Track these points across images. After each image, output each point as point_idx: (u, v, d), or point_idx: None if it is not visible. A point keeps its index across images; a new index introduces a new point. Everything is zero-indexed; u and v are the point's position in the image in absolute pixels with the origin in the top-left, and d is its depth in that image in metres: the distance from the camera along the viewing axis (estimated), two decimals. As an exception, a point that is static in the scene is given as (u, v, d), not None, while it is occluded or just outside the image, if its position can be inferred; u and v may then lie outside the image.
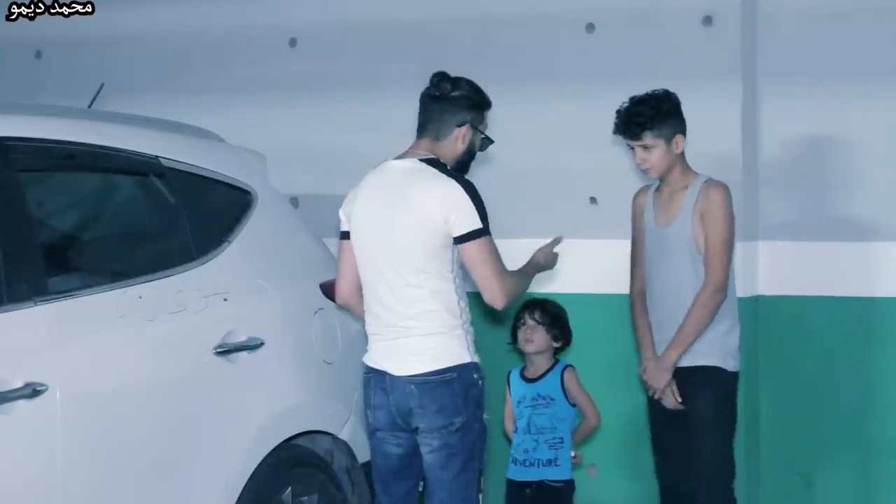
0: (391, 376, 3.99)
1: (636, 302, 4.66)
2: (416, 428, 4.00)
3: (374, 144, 5.58)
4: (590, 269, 5.36)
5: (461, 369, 3.96)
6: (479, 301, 4.03)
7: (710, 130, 5.22)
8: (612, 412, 5.38)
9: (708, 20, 5.25)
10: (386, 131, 5.57)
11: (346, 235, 4.13)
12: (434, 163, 4.00)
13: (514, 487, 4.89)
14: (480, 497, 4.07)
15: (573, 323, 5.01)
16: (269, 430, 4.13)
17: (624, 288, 5.36)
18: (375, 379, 4.04)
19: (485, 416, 4.04)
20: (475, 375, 3.99)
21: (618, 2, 5.39)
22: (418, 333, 3.95)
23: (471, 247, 3.92)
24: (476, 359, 4.01)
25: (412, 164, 4.01)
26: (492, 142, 4.18)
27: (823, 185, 5.20)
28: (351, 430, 4.47)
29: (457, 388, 3.94)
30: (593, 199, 5.43)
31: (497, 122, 4.38)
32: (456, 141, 4.06)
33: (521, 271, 4.13)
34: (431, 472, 4.00)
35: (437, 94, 4.07)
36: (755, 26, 5.26)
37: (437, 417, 3.94)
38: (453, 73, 4.30)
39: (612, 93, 5.33)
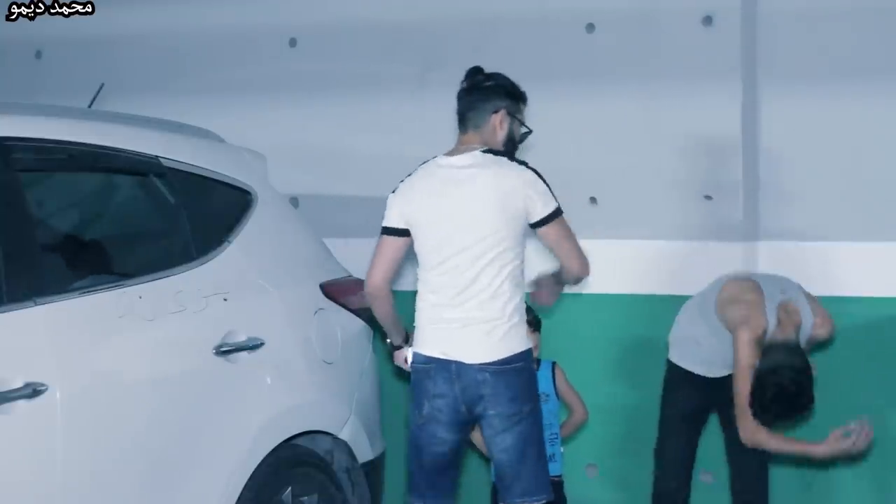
0: (459, 364, 4.01)
1: None
2: (480, 415, 4.03)
3: (374, 144, 5.61)
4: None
5: (526, 356, 4.05)
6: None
7: (710, 131, 5.23)
8: (612, 412, 5.38)
9: (708, 20, 5.25)
10: (386, 131, 5.59)
11: (391, 232, 4.13)
12: (496, 152, 4.08)
13: None
14: None
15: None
16: (269, 430, 4.13)
17: (624, 288, 5.37)
18: (437, 368, 4.05)
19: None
20: (532, 364, 4.10)
21: (618, 2, 5.39)
22: (492, 320, 3.99)
23: (555, 226, 4.03)
24: (530, 344, 4.10)
25: (476, 156, 4.06)
26: (530, 131, 4.24)
27: (823, 185, 5.19)
28: (351, 430, 4.47)
29: (524, 374, 4.03)
30: (593, 199, 5.43)
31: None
32: (495, 128, 4.13)
33: None
34: (508, 466, 4.05)
35: (471, 85, 4.17)
36: (755, 26, 5.26)
37: (510, 405, 3.99)
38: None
39: (612, 93, 5.35)
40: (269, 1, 5.93)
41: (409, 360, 4.16)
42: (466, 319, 4.01)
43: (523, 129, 4.22)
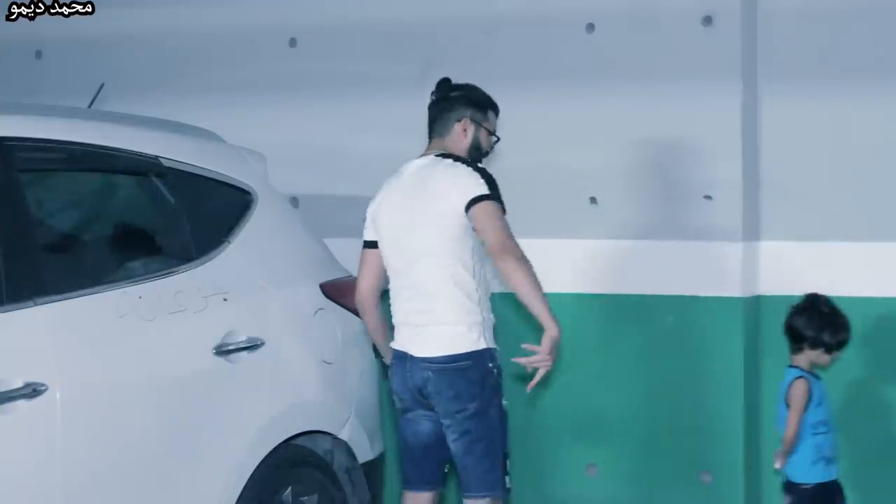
0: (411, 357, 4.15)
1: None
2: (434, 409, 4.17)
3: (374, 144, 5.60)
4: (590, 269, 5.36)
5: (475, 356, 4.10)
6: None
7: (710, 130, 5.22)
8: (612, 412, 5.38)
9: (708, 20, 5.25)
10: (386, 131, 5.59)
11: (368, 245, 4.31)
12: (448, 155, 4.20)
13: (829, 488, 4.71)
14: (507, 479, 4.18)
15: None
16: (269, 429, 4.13)
17: (624, 288, 5.36)
18: (399, 362, 4.21)
19: (503, 402, 4.17)
20: (490, 364, 4.13)
21: (618, 2, 5.39)
22: (438, 320, 4.10)
23: (477, 208, 4.06)
24: (492, 345, 4.15)
25: (429, 159, 4.21)
26: (498, 139, 4.36)
27: (824, 184, 5.19)
28: (351, 430, 4.48)
29: (471, 375, 4.10)
30: (593, 199, 5.43)
31: (498, 122, 4.39)
32: (459, 136, 4.26)
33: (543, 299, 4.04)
34: (457, 459, 4.16)
35: (439, 96, 4.31)
36: (755, 26, 5.26)
37: (451, 402, 4.10)
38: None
39: (612, 93, 5.35)
40: (269, 1, 5.93)
41: None
42: (416, 318, 4.14)
43: (493, 138, 4.34)
